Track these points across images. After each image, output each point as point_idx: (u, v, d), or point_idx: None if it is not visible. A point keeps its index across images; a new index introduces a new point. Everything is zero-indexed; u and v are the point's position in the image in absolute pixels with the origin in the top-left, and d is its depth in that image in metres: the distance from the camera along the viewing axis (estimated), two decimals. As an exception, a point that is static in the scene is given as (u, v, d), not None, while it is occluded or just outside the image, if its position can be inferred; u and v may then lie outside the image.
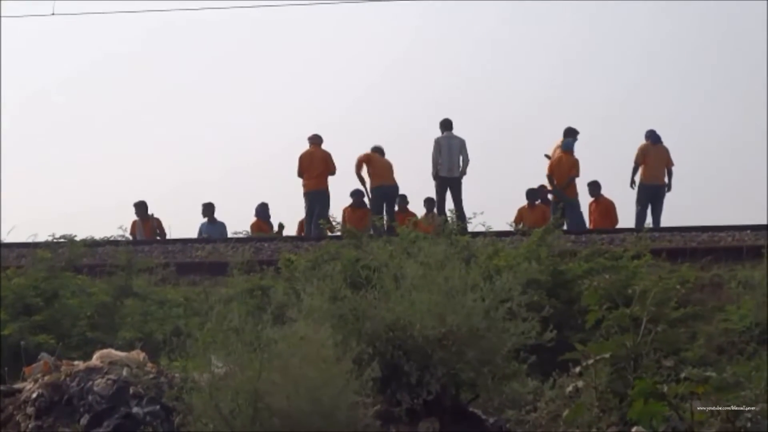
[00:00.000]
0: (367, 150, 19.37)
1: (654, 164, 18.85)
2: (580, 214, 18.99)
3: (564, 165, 19.07)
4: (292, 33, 36.94)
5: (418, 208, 19.60)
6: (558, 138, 19.50)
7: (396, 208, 19.40)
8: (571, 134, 19.31)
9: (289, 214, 21.88)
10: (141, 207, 20.06)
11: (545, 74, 36.37)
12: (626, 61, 36.64)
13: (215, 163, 33.41)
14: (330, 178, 19.30)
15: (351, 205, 19.55)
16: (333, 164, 19.27)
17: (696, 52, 36.66)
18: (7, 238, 15.69)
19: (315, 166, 19.12)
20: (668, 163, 18.95)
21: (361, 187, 19.16)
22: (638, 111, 32.69)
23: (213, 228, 19.83)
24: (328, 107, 34.56)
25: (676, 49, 36.94)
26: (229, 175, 32.16)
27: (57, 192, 31.30)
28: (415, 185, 20.10)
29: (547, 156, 19.53)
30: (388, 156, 19.47)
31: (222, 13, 34.30)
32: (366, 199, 19.18)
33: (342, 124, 31.81)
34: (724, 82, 35.03)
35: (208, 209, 20.18)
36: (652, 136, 19.00)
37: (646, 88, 35.38)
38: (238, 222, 22.28)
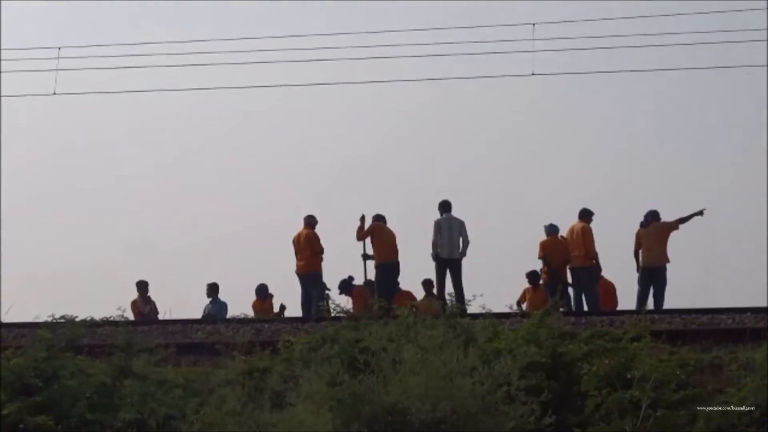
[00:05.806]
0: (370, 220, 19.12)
1: (648, 247, 18.73)
2: (569, 296, 18.92)
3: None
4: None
5: (416, 290, 19.56)
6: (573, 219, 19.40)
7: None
8: (586, 215, 19.25)
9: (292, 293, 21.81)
10: (143, 286, 20.15)
11: (548, 153, 36.30)
12: (634, 141, 36.56)
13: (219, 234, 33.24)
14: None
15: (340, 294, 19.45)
16: (318, 245, 19.16)
17: (700, 132, 36.69)
18: (7, 318, 15.68)
19: (302, 248, 19.18)
20: (669, 233, 18.74)
21: (363, 260, 19.05)
22: (640, 193, 32.58)
23: (215, 308, 19.86)
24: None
25: (680, 132, 36.92)
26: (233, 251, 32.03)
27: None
28: (413, 265, 19.90)
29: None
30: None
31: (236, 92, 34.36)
32: (361, 281, 19.13)
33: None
34: (726, 164, 35.03)
35: (212, 289, 20.24)
36: (643, 220, 18.97)
37: (650, 168, 35.35)
38: (244, 300, 22.23)
